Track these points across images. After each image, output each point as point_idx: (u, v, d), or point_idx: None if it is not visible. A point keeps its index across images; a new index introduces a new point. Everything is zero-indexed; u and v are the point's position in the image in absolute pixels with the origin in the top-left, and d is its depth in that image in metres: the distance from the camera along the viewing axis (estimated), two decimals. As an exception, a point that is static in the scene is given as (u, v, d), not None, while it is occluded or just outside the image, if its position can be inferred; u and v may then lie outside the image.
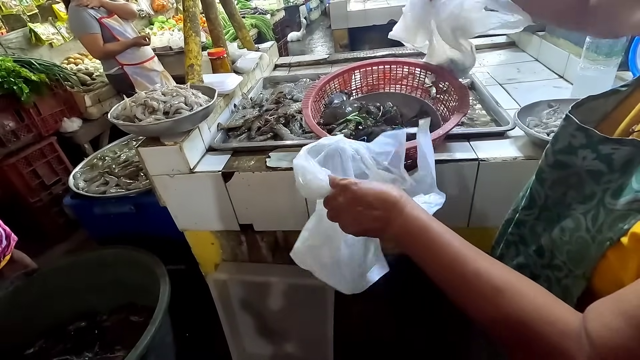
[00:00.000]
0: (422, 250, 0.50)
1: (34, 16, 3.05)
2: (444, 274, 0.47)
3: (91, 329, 1.46)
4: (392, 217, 0.52)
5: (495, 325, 0.42)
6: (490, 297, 0.42)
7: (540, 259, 0.53)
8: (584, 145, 0.47)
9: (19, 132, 2.36)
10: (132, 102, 1.07)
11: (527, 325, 0.38)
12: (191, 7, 1.33)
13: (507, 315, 0.40)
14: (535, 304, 0.39)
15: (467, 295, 0.44)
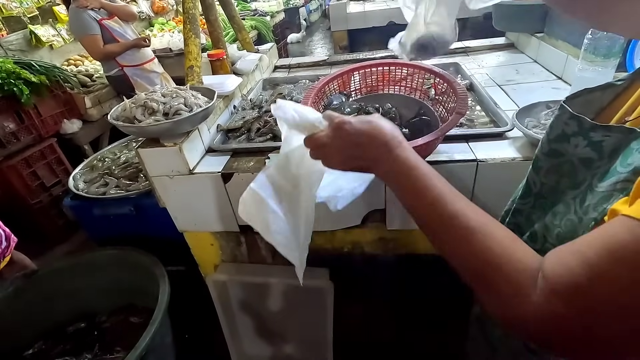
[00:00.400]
0: (407, 191, 0.51)
1: (34, 18, 3.06)
2: (425, 214, 0.49)
3: (91, 330, 1.47)
4: (381, 158, 0.52)
5: (466, 263, 0.44)
6: (463, 237, 0.43)
7: (533, 244, 0.54)
8: (576, 133, 0.48)
9: (19, 133, 2.36)
10: (132, 104, 1.07)
11: (492, 264, 0.40)
12: (191, 9, 1.33)
13: (475, 254, 0.42)
14: (502, 245, 0.41)
15: (444, 235, 0.46)
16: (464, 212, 0.45)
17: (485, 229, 0.43)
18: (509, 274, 0.39)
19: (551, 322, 0.36)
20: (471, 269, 0.43)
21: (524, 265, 0.39)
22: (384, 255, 1.23)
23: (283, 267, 1.31)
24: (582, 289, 0.35)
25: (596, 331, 0.34)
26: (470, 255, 0.43)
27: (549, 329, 0.37)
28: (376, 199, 1.07)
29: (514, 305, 0.39)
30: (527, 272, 0.39)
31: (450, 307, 1.07)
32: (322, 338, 1.35)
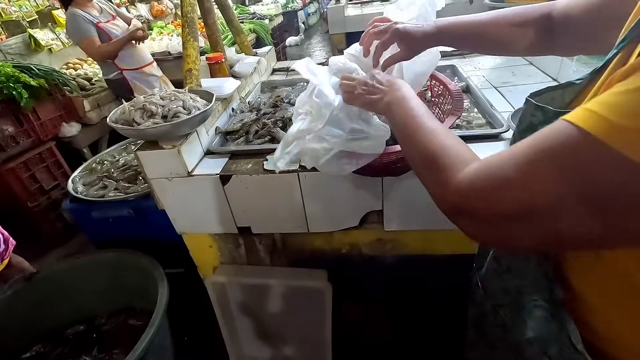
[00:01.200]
0: (402, 112, 0.62)
1: (33, 22, 3.07)
2: (406, 127, 0.60)
3: (89, 333, 1.47)
4: (389, 92, 0.68)
5: (420, 156, 0.54)
6: (423, 136, 0.55)
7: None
8: (542, 122, 0.51)
9: (18, 137, 2.37)
10: (131, 107, 1.08)
11: (437, 153, 0.50)
12: (189, 13, 1.34)
13: (428, 147, 0.52)
14: (446, 143, 0.51)
15: (411, 138, 0.57)
16: (430, 124, 0.57)
17: (440, 133, 0.54)
18: (446, 158, 0.49)
19: (465, 190, 0.44)
20: (422, 159, 0.53)
21: (460, 155, 0.48)
22: (382, 256, 1.23)
23: (281, 269, 1.32)
24: (498, 164, 0.42)
25: (499, 199, 0.41)
26: (425, 149, 0.53)
27: (463, 196, 0.44)
28: (374, 200, 1.08)
29: (443, 181, 0.47)
30: (460, 159, 0.47)
31: (448, 307, 1.08)
32: (320, 339, 1.35)
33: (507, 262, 0.59)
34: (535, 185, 0.38)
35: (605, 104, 0.35)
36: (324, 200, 1.10)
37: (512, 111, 1.08)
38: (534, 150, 0.39)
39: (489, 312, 0.64)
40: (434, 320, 1.30)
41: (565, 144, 0.36)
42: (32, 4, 3.07)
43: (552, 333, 0.52)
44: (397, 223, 1.12)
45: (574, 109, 0.38)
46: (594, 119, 0.35)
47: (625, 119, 0.33)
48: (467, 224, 0.46)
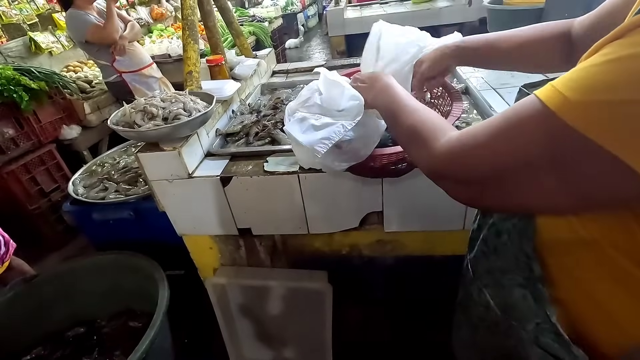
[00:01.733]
0: (387, 100, 0.68)
1: (33, 25, 3.08)
2: (393, 110, 0.65)
3: (90, 335, 1.46)
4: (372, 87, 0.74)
5: (406, 131, 0.60)
6: (408, 114, 0.60)
7: (502, 215, 0.60)
8: None
9: (19, 139, 2.37)
10: (131, 109, 1.08)
11: (420, 127, 0.56)
12: (190, 16, 1.35)
13: (411, 123, 0.58)
14: (428, 117, 0.58)
15: (397, 119, 0.63)
16: (412, 104, 0.63)
17: (421, 110, 0.60)
18: (429, 129, 0.54)
19: (446, 155, 0.50)
20: (408, 134, 0.59)
21: (441, 126, 0.54)
22: (382, 257, 1.24)
23: (282, 270, 1.32)
24: (473, 133, 0.47)
25: (474, 163, 0.47)
26: (410, 125, 0.58)
27: (444, 161, 0.50)
28: (374, 201, 1.08)
29: (427, 148, 0.53)
30: (441, 130, 0.53)
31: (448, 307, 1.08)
32: (321, 340, 1.35)
33: (493, 244, 0.61)
34: (503, 151, 0.43)
35: (564, 80, 0.38)
36: (324, 202, 1.10)
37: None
38: (505, 120, 0.44)
39: (475, 292, 0.66)
40: (434, 321, 1.30)
41: (526, 114, 0.41)
42: (32, 7, 3.08)
43: (531, 310, 0.54)
44: (397, 224, 1.13)
45: None
46: (552, 93, 0.38)
47: (575, 93, 0.36)
48: (448, 186, 0.53)
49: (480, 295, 0.64)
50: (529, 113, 0.41)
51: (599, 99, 0.35)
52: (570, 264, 0.50)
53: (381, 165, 0.88)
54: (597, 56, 0.37)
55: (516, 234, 0.56)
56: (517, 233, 0.55)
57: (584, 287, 0.49)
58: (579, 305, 0.51)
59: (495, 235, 0.60)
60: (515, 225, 0.56)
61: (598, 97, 0.35)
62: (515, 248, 0.56)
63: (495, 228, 0.60)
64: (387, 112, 0.68)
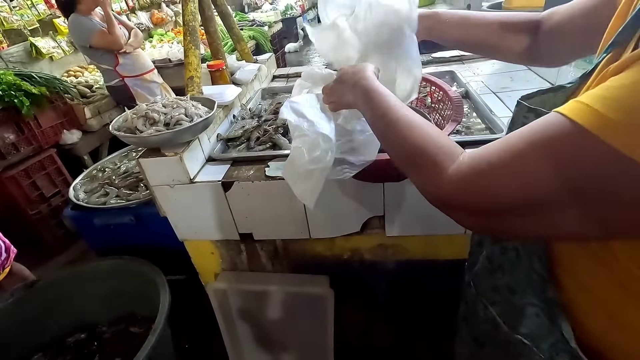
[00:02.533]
0: (367, 110, 0.62)
1: (34, 30, 3.09)
2: (379, 123, 0.59)
3: (91, 341, 1.46)
4: (352, 91, 0.67)
5: (403, 153, 0.53)
6: (401, 131, 0.53)
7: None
8: None
9: (19, 144, 2.38)
10: (133, 114, 1.08)
11: (422, 148, 0.49)
12: (191, 21, 1.36)
13: (409, 144, 0.51)
14: (431, 135, 0.50)
15: (389, 134, 0.56)
16: (404, 115, 0.55)
17: (419, 126, 0.52)
18: (433, 154, 0.48)
19: (459, 184, 0.44)
20: (406, 156, 0.53)
21: (447, 148, 0.48)
22: (384, 261, 1.23)
23: (283, 275, 1.32)
24: (487, 158, 0.42)
25: (492, 193, 0.41)
26: (407, 145, 0.52)
27: (457, 191, 0.44)
28: (375, 205, 1.08)
29: (434, 176, 0.47)
30: (448, 153, 0.47)
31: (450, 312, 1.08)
32: (322, 345, 1.34)
33: (498, 262, 0.60)
34: (528, 178, 0.38)
35: (599, 97, 0.35)
36: (325, 206, 1.10)
37: (511, 116, 1.09)
38: (525, 142, 0.39)
39: (480, 309, 0.64)
40: (436, 326, 1.30)
41: (557, 136, 0.36)
42: (33, 12, 3.09)
43: (545, 329, 0.52)
44: (398, 228, 1.13)
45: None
46: (586, 112, 0.35)
47: (617, 113, 0.33)
48: (460, 217, 0.47)
49: (487, 313, 0.62)
50: (555, 133, 0.36)
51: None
52: (589, 283, 0.48)
53: (382, 169, 0.88)
54: (628, 73, 0.34)
55: (525, 253, 0.54)
56: (527, 252, 0.53)
57: (604, 306, 0.47)
58: (595, 324, 0.48)
59: (501, 252, 0.58)
60: (524, 245, 0.53)
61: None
62: (525, 266, 0.54)
63: (500, 245, 0.58)
64: (374, 124, 0.61)
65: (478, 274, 0.65)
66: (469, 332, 0.73)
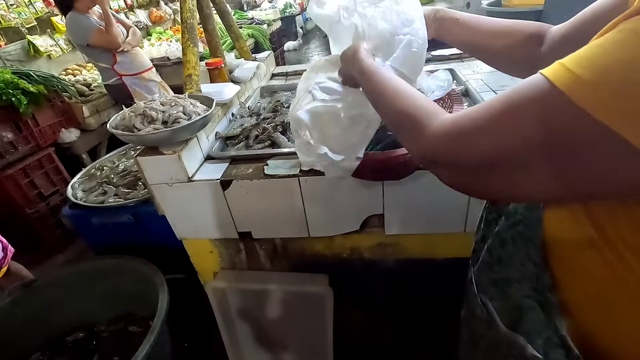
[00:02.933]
0: (365, 85, 0.65)
1: (32, 28, 3.07)
2: (372, 96, 0.63)
3: (89, 340, 1.46)
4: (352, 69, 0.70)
5: (392, 118, 0.57)
6: (389, 99, 0.57)
7: (507, 221, 0.58)
8: None
9: (17, 143, 2.36)
10: (131, 112, 1.08)
11: (407, 111, 0.52)
12: (189, 19, 1.35)
13: (398, 109, 0.54)
14: (415, 99, 0.53)
15: (384, 105, 0.59)
16: (393, 87, 0.58)
17: (404, 93, 0.55)
18: (416, 114, 0.50)
19: (442, 139, 0.46)
20: (395, 121, 0.56)
21: (430, 109, 0.50)
22: (383, 260, 1.23)
23: (282, 274, 1.32)
24: (470, 115, 0.43)
25: (472, 147, 0.43)
26: (394, 111, 0.55)
27: (439, 145, 0.46)
28: (374, 204, 1.08)
29: (418, 134, 0.49)
30: (430, 112, 0.49)
31: (450, 311, 1.08)
32: (322, 344, 1.34)
33: (497, 254, 0.60)
34: (506, 134, 0.40)
35: (575, 57, 0.35)
36: (324, 205, 1.10)
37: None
38: (507, 101, 0.40)
39: (477, 308, 0.64)
40: (436, 325, 1.30)
41: (535, 96, 0.38)
42: (31, 10, 3.07)
43: (540, 324, 0.52)
44: (398, 227, 1.12)
45: None
46: (561, 72, 0.35)
47: (587, 71, 0.33)
48: (442, 172, 0.50)
49: (483, 311, 0.62)
50: (534, 93, 0.38)
51: (614, 79, 0.32)
52: (582, 269, 0.48)
53: (382, 168, 0.88)
54: (613, 32, 0.34)
55: (522, 241, 0.54)
56: (523, 240, 0.54)
57: (596, 293, 0.47)
58: (590, 314, 0.49)
59: (500, 244, 0.59)
60: (522, 233, 0.54)
61: (614, 77, 0.32)
62: (521, 256, 0.54)
63: (499, 237, 0.59)
64: (369, 98, 0.65)
65: (480, 268, 0.65)
66: (467, 332, 0.73)
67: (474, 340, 0.69)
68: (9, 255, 1.35)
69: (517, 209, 0.56)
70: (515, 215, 0.56)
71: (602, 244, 0.44)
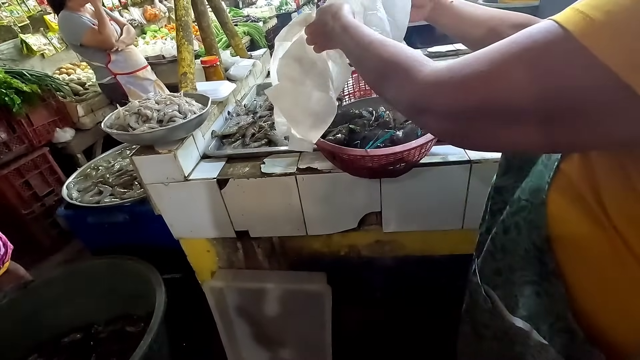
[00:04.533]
0: (347, 41, 0.63)
1: (25, 27, 3.03)
2: (356, 51, 0.61)
3: (87, 341, 1.45)
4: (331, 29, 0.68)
5: (377, 69, 0.54)
6: (375, 50, 0.55)
7: (511, 208, 0.58)
8: None
9: (11, 143, 2.34)
10: (125, 111, 1.07)
11: (395, 60, 0.50)
12: (184, 17, 1.34)
13: (386, 57, 0.52)
14: (402, 49, 0.51)
15: (369, 56, 0.56)
16: (378, 39, 0.57)
17: (390, 44, 0.53)
18: (405, 61, 0.48)
19: (435, 83, 0.43)
20: (381, 71, 0.53)
21: (419, 56, 0.47)
22: (381, 257, 1.23)
23: (280, 272, 1.31)
24: (466, 61, 0.40)
25: (465, 93, 0.39)
26: (381, 61, 0.53)
27: (430, 93, 0.43)
28: (372, 201, 1.07)
29: (407, 80, 0.46)
30: (420, 60, 0.47)
31: (448, 308, 1.08)
32: (320, 342, 1.34)
33: (501, 242, 0.60)
34: (504, 80, 0.37)
35: (588, 0, 0.33)
36: (322, 203, 1.09)
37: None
38: (512, 45, 0.37)
39: (481, 298, 0.65)
40: (434, 322, 1.30)
41: (541, 41, 0.35)
42: (23, 9, 3.03)
43: (544, 309, 0.52)
44: (395, 224, 1.12)
45: None
46: (573, 15, 0.33)
47: (599, 13, 0.31)
48: (431, 121, 0.46)
49: (486, 301, 0.63)
50: (541, 38, 0.35)
51: (628, 23, 0.30)
52: (583, 255, 0.48)
53: (379, 165, 0.87)
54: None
55: (526, 226, 0.54)
56: (527, 225, 0.53)
57: (597, 280, 0.47)
58: (592, 300, 0.49)
59: (504, 232, 0.59)
60: (525, 218, 0.54)
61: (627, 20, 0.30)
62: (525, 242, 0.54)
63: (503, 225, 0.59)
64: (351, 54, 0.63)
65: (483, 258, 0.65)
66: (469, 324, 0.73)
67: (478, 331, 0.69)
68: (9, 252, 1.34)
69: (520, 195, 0.56)
70: (519, 202, 0.56)
71: (607, 226, 0.44)
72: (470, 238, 0.78)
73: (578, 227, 0.48)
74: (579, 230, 0.48)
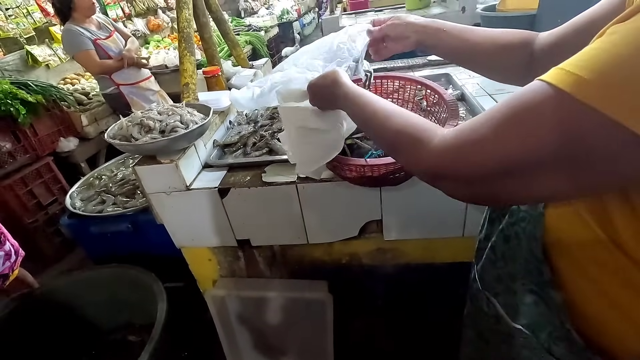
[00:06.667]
0: (352, 111, 0.65)
1: (30, 38, 3.09)
2: (362, 118, 0.63)
3: (88, 350, 1.45)
4: (332, 98, 0.69)
5: (385, 140, 0.57)
6: (380, 121, 0.57)
7: (510, 218, 0.58)
8: None
9: (16, 153, 2.37)
10: (128, 122, 1.08)
11: (402, 132, 0.53)
12: (186, 28, 1.36)
13: (394, 129, 0.54)
14: (408, 119, 0.54)
15: (373, 125, 0.59)
16: (382, 109, 0.58)
17: (396, 114, 0.56)
18: (413, 133, 0.51)
19: (446, 153, 0.46)
20: (389, 142, 0.56)
21: (426, 126, 0.51)
22: (382, 265, 1.23)
23: (281, 281, 1.31)
24: (472, 127, 0.43)
25: (477, 159, 0.42)
26: (388, 133, 0.55)
27: (444, 160, 0.46)
28: (373, 210, 1.08)
29: (418, 151, 0.49)
30: (428, 129, 0.50)
31: (450, 315, 1.07)
32: (322, 351, 1.33)
33: (501, 250, 0.60)
34: (512, 142, 0.39)
35: (574, 61, 0.36)
36: (323, 211, 1.10)
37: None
38: (509, 108, 0.40)
39: (484, 304, 0.65)
40: (436, 329, 1.29)
41: (538, 101, 0.37)
42: (29, 20, 3.09)
43: (543, 318, 0.53)
44: (396, 232, 1.12)
45: None
46: (564, 75, 0.36)
47: (589, 72, 0.34)
48: (448, 186, 0.48)
49: (490, 306, 0.63)
50: (536, 98, 0.37)
51: (619, 74, 0.32)
52: (582, 264, 0.49)
53: (379, 174, 0.88)
54: (607, 34, 0.35)
55: (525, 237, 0.54)
56: (526, 236, 0.54)
57: (597, 288, 0.48)
58: (592, 308, 0.49)
59: (504, 241, 0.59)
60: (525, 228, 0.55)
61: (618, 73, 0.32)
62: (524, 252, 0.55)
63: (503, 234, 0.59)
64: (357, 121, 0.65)
65: (483, 267, 0.66)
66: (474, 329, 0.73)
67: (484, 336, 0.69)
68: (19, 260, 1.35)
69: (520, 206, 0.57)
70: (519, 213, 0.57)
71: (603, 237, 0.45)
72: (471, 245, 0.78)
73: (575, 237, 0.48)
74: (576, 243, 0.49)
